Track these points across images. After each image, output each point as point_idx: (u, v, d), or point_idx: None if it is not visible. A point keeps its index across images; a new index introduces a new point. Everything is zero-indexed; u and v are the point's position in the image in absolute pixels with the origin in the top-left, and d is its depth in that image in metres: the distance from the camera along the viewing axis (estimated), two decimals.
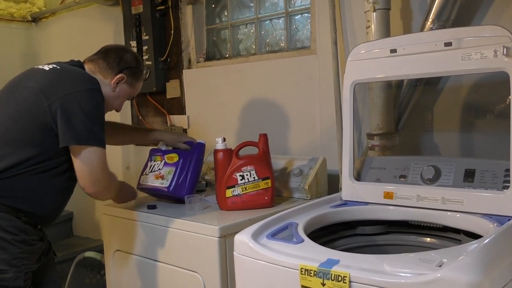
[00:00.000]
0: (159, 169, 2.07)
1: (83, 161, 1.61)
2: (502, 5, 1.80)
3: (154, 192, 2.10)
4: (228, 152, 1.97)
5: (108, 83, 1.78)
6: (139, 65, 1.88)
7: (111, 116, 1.94)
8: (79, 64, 1.79)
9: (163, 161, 2.08)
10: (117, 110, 1.91)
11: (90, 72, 1.76)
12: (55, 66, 1.72)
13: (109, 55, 1.81)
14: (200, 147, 2.07)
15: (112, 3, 3.19)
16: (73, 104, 1.59)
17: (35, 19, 3.88)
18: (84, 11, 3.43)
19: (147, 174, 2.10)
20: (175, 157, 2.05)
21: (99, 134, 1.63)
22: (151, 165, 2.11)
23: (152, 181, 2.06)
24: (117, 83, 1.80)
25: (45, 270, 1.83)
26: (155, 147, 2.17)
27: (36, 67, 1.77)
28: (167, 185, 2.01)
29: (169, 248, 1.89)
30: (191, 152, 2.05)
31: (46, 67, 1.72)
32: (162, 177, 2.04)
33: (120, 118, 3.27)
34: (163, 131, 2.33)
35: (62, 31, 3.65)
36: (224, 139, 1.99)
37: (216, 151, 1.98)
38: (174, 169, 2.02)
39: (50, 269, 1.87)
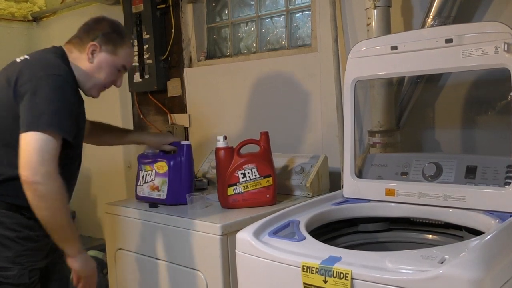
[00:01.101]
0: (152, 179, 2.05)
1: (24, 145, 1.47)
2: (503, 1, 1.80)
3: (154, 200, 2.08)
4: (230, 150, 1.97)
5: (85, 56, 1.68)
6: (115, 30, 1.73)
7: (111, 113, 1.92)
8: (59, 50, 1.71)
9: (154, 170, 2.05)
10: (116, 85, 1.79)
11: (68, 53, 1.69)
12: (26, 57, 1.66)
13: (82, 30, 1.73)
14: (187, 149, 2.04)
15: (112, 2, 3.19)
16: (29, 91, 1.51)
17: (36, 18, 3.88)
18: (84, 10, 3.43)
19: (142, 185, 2.09)
20: (164, 166, 2.02)
21: (51, 119, 1.48)
22: (143, 176, 2.09)
23: (149, 193, 2.06)
24: (92, 54, 1.68)
25: (53, 266, 1.80)
26: (142, 153, 2.14)
27: (13, 60, 1.72)
28: (164, 196, 2.01)
29: (171, 246, 1.89)
30: (178, 156, 2.02)
31: (18, 59, 1.67)
32: (157, 189, 2.03)
33: (121, 116, 3.27)
34: (146, 133, 2.26)
35: (63, 31, 3.62)
36: (225, 137, 1.99)
37: (217, 149, 1.98)
38: (166, 179, 2.01)
39: (59, 266, 1.83)
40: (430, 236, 1.59)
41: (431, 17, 1.81)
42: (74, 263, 1.61)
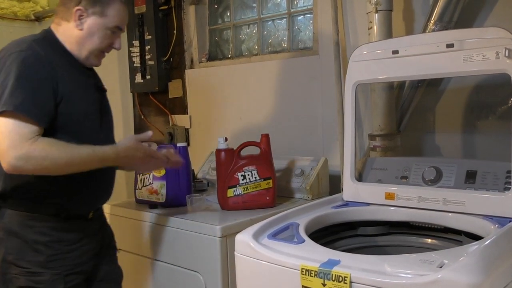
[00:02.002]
0: (150, 183, 2.05)
1: None
2: (504, 7, 1.80)
3: (154, 203, 2.08)
4: (230, 152, 1.97)
5: (73, 24, 1.57)
6: None
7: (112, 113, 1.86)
8: (42, 31, 1.63)
9: (151, 173, 2.04)
10: (115, 48, 1.67)
11: (56, 26, 1.60)
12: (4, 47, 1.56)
13: None
14: (183, 151, 2.03)
15: None
16: None
17: (38, 18, 3.88)
18: None
19: (141, 189, 2.09)
20: (161, 170, 2.00)
21: (8, 100, 1.39)
22: (141, 179, 2.09)
23: (148, 196, 2.05)
24: (80, 19, 1.56)
25: (102, 266, 1.69)
26: None
27: None
28: (163, 200, 2.01)
29: (170, 247, 1.89)
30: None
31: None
32: (156, 192, 2.03)
33: (122, 116, 3.28)
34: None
35: None
36: (226, 139, 1.99)
37: (218, 151, 1.98)
38: (164, 183, 2.00)
39: (110, 266, 1.73)
40: (430, 240, 1.59)
41: (432, 21, 1.81)
42: (123, 166, 1.59)
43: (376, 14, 1.88)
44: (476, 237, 1.37)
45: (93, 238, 1.64)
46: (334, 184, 2.15)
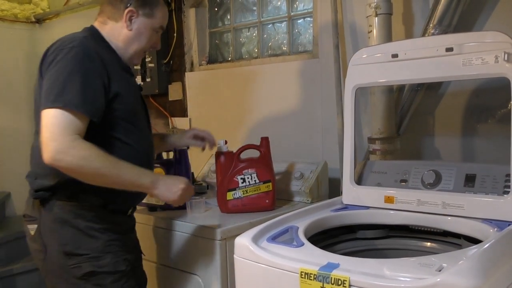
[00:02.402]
0: None
1: (42, 121, 1.40)
2: (503, 11, 1.80)
3: (154, 206, 2.08)
4: (230, 155, 1.97)
5: (122, 25, 1.61)
6: None
7: None
8: (87, 28, 1.64)
9: None
10: (156, 47, 1.73)
11: (101, 25, 1.62)
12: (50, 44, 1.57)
13: None
14: (183, 154, 2.04)
15: None
16: (46, 69, 1.47)
17: (39, 20, 3.89)
18: (87, 12, 3.45)
19: None
20: (161, 172, 2.00)
21: (57, 96, 1.39)
22: None
23: (148, 199, 2.04)
24: (130, 20, 1.60)
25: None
26: None
27: None
28: (163, 203, 2.00)
29: (169, 250, 1.89)
30: (175, 162, 2.02)
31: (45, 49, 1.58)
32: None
33: None
34: (170, 136, 2.05)
35: (65, 33, 3.63)
36: (226, 142, 1.99)
37: (217, 154, 1.99)
38: None
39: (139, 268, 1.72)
40: (429, 243, 1.59)
41: (432, 25, 1.82)
42: (157, 195, 1.54)
43: (376, 18, 1.88)
44: (475, 241, 1.38)
45: (131, 234, 1.69)
46: (334, 188, 2.16)
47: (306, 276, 1.20)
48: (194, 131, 1.99)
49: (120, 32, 1.61)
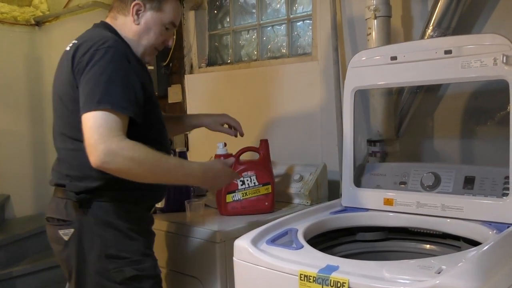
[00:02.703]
0: None
1: (84, 127, 1.37)
2: (502, 14, 1.81)
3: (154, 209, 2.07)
4: (229, 157, 1.97)
5: (130, 19, 1.56)
6: None
7: None
8: (102, 24, 1.61)
9: None
10: (168, 45, 1.67)
11: (113, 20, 1.59)
12: (74, 41, 1.54)
13: None
14: (182, 156, 2.04)
15: None
16: (80, 73, 1.42)
17: (39, 23, 3.89)
18: (87, 15, 3.45)
19: None
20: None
21: (102, 96, 1.36)
22: None
23: None
24: (137, 14, 1.56)
25: None
26: None
27: (64, 53, 1.58)
28: (162, 205, 2.02)
29: (168, 252, 1.89)
30: None
31: (68, 47, 1.55)
32: None
33: None
34: (202, 115, 2.01)
35: (65, 35, 3.65)
36: (225, 144, 1.99)
37: (217, 156, 1.99)
38: None
39: None
40: (428, 246, 1.59)
41: (431, 28, 1.82)
42: (205, 186, 1.60)
43: (375, 21, 1.89)
44: (474, 243, 1.38)
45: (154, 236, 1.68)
46: (333, 190, 2.16)
47: (305, 278, 1.20)
48: (226, 118, 1.95)
49: (130, 27, 1.57)
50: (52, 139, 1.60)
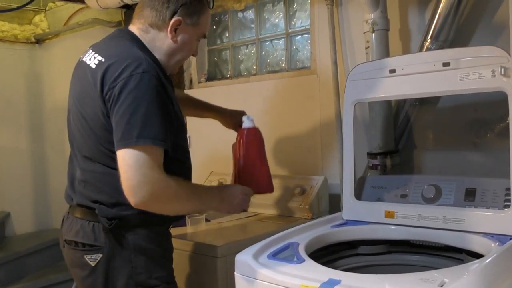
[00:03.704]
0: None
1: (121, 165, 1.31)
2: (499, 26, 1.82)
3: None
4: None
5: (165, 35, 1.46)
6: None
7: None
8: (129, 36, 1.47)
9: None
10: (195, 55, 1.61)
11: (142, 33, 1.47)
12: (100, 59, 1.41)
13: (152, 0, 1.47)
14: None
15: (114, 24, 3.23)
16: (114, 100, 1.33)
17: (39, 40, 3.92)
18: (87, 32, 3.47)
19: None
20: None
21: (141, 131, 1.29)
22: None
23: None
24: (175, 30, 1.46)
25: None
26: None
27: (82, 64, 1.47)
28: None
29: None
30: None
31: (88, 60, 1.44)
32: None
33: None
34: (223, 110, 1.96)
35: (65, 52, 3.68)
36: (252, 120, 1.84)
37: (242, 130, 1.82)
38: None
39: None
40: (430, 259, 1.58)
41: (428, 40, 1.83)
42: (222, 211, 1.62)
43: (373, 34, 1.90)
44: (476, 255, 1.37)
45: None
46: (334, 203, 2.15)
47: None
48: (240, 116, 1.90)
49: (163, 42, 1.47)
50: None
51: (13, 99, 3.76)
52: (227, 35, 2.90)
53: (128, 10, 3.07)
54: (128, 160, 1.30)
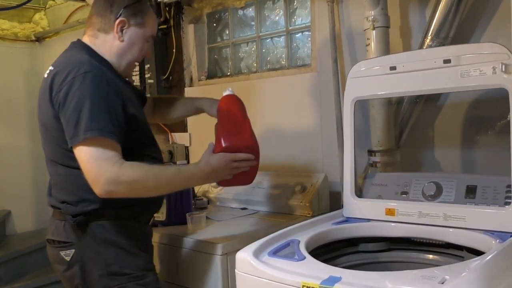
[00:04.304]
0: None
1: (79, 161, 1.40)
2: (500, 23, 1.82)
3: (155, 221, 2.07)
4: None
5: (113, 36, 1.56)
6: None
7: None
8: (79, 44, 1.60)
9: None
10: (147, 56, 1.71)
11: (92, 39, 1.58)
12: (50, 68, 1.54)
13: (99, 6, 1.58)
14: None
15: None
16: (61, 101, 1.42)
17: (39, 38, 3.92)
18: None
19: None
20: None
21: (89, 125, 1.37)
22: None
23: None
24: (121, 31, 1.56)
25: None
26: None
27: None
28: (164, 218, 2.01)
29: (171, 265, 1.88)
30: None
31: (46, 74, 1.56)
32: None
33: None
34: (204, 100, 1.98)
35: None
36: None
37: (224, 97, 1.80)
38: (165, 201, 1.98)
39: None
40: (431, 256, 1.58)
41: (429, 37, 1.83)
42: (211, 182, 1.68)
43: (374, 31, 1.90)
44: (477, 252, 1.37)
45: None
46: (335, 201, 2.15)
47: None
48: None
49: (112, 44, 1.57)
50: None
51: (13, 97, 3.76)
52: (227, 32, 2.89)
53: None
54: (83, 156, 1.39)
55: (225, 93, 1.80)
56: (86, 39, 1.61)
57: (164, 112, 1.96)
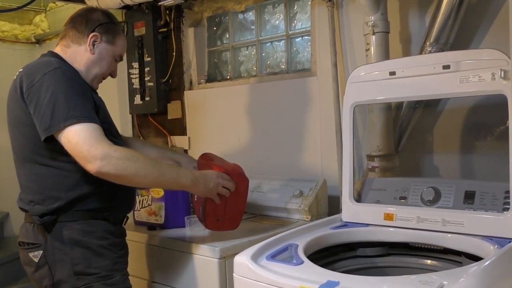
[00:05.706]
0: (149, 204, 2.05)
1: (67, 145, 1.44)
2: (499, 29, 1.82)
3: (153, 225, 2.07)
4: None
5: (85, 48, 1.66)
6: (111, 19, 1.72)
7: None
8: (49, 53, 1.70)
9: (150, 195, 2.05)
10: (112, 76, 1.77)
11: (64, 48, 1.68)
12: (20, 70, 1.64)
13: (76, 21, 1.69)
14: None
15: None
16: (34, 99, 1.48)
17: (39, 40, 3.92)
18: None
19: (139, 210, 2.09)
20: (160, 191, 2.01)
21: (73, 111, 1.44)
22: (140, 200, 2.09)
23: (147, 218, 2.06)
24: (93, 44, 1.66)
25: None
26: None
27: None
28: (162, 221, 2.01)
29: (168, 269, 1.88)
30: None
31: (15, 76, 1.65)
32: (155, 214, 2.03)
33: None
34: (182, 156, 2.04)
35: None
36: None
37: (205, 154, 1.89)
38: (163, 204, 2.00)
39: None
40: (429, 261, 1.58)
41: (429, 43, 1.84)
42: (196, 193, 1.72)
43: (373, 36, 1.90)
44: (475, 258, 1.37)
45: (127, 249, 1.71)
46: (333, 205, 2.15)
47: None
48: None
49: (82, 55, 1.66)
50: None
51: None
52: (227, 36, 2.90)
53: (129, 11, 3.07)
54: (71, 140, 1.42)
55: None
56: (58, 49, 1.70)
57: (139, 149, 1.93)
